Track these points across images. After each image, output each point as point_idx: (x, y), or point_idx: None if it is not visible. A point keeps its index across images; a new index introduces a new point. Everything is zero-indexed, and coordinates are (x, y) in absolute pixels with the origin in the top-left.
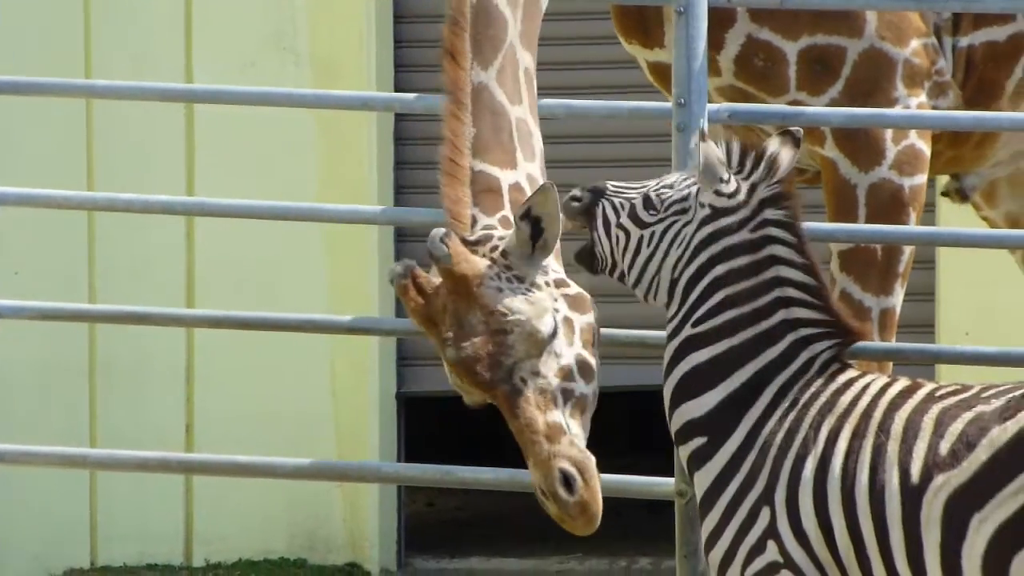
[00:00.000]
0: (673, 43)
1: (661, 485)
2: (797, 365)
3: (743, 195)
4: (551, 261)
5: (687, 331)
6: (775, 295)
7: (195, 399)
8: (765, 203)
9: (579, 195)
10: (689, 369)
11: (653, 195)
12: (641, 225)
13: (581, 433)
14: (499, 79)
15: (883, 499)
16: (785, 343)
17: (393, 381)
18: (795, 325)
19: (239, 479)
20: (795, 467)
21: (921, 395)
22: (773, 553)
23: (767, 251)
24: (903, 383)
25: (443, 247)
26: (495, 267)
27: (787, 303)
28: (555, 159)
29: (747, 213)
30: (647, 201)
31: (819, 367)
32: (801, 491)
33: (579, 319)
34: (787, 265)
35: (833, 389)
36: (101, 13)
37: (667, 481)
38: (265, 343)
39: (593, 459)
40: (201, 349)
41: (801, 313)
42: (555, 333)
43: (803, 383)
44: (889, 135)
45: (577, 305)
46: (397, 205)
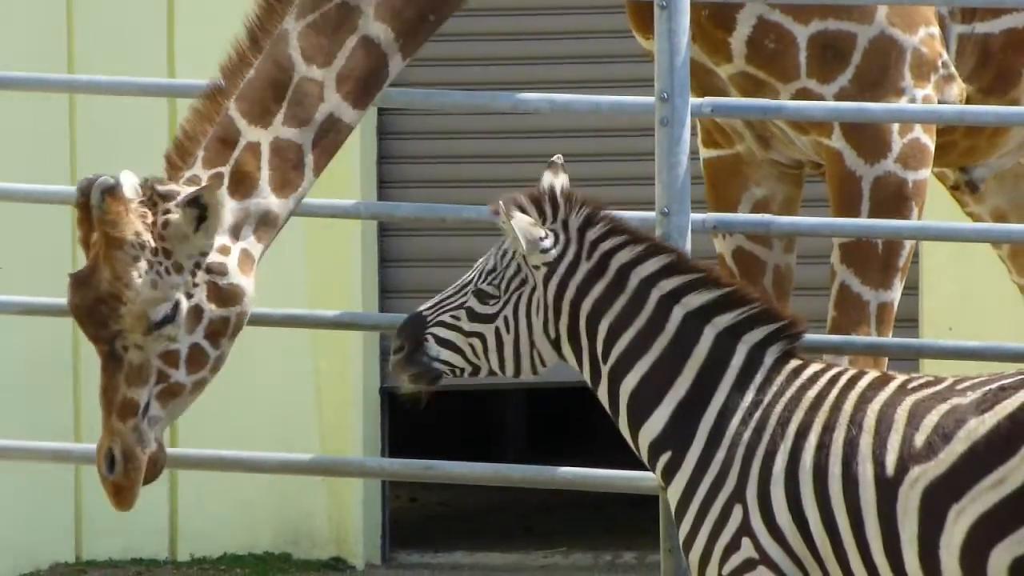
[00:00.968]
0: (655, 37)
1: (645, 480)
2: (740, 360)
3: (562, 236)
4: (226, 240)
5: (605, 369)
6: (654, 295)
7: None
8: (583, 229)
9: (398, 344)
10: (628, 397)
11: (484, 287)
12: (490, 319)
13: (163, 416)
14: (303, 33)
15: (857, 491)
16: (707, 338)
17: (376, 376)
18: (701, 314)
19: (224, 474)
20: (765, 463)
21: (892, 388)
22: (748, 550)
23: (613, 265)
24: (872, 375)
25: (101, 199)
26: (143, 236)
27: (674, 296)
28: (538, 154)
29: (575, 248)
30: (482, 295)
31: (773, 362)
32: (773, 487)
33: (214, 311)
34: (640, 263)
35: (798, 384)
36: (83, 8)
37: (651, 476)
38: (248, 338)
39: (150, 450)
40: None
41: (695, 299)
42: (169, 320)
43: (761, 380)
44: (896, 127)
45: (220, 297)
46: (381, 200)
